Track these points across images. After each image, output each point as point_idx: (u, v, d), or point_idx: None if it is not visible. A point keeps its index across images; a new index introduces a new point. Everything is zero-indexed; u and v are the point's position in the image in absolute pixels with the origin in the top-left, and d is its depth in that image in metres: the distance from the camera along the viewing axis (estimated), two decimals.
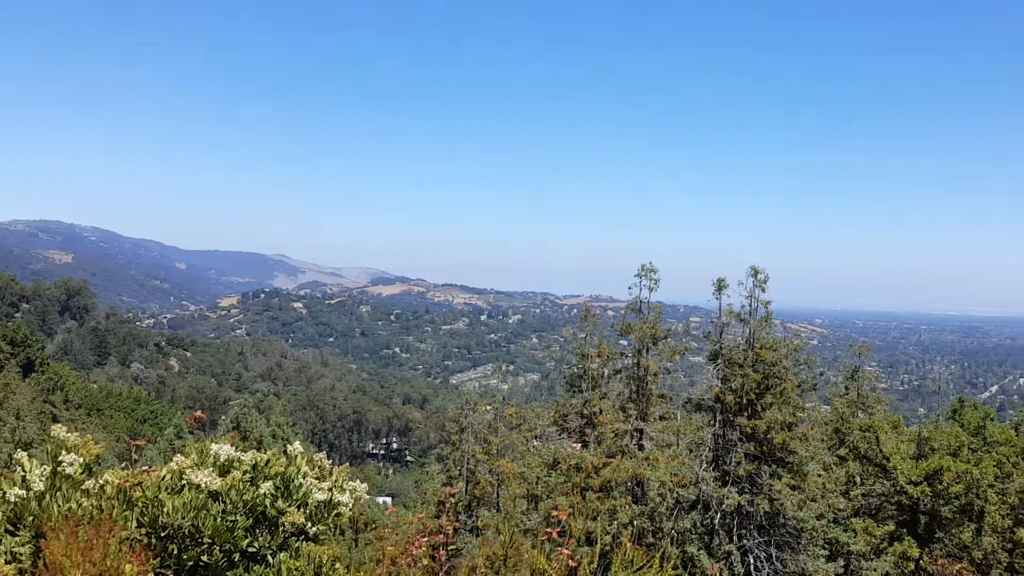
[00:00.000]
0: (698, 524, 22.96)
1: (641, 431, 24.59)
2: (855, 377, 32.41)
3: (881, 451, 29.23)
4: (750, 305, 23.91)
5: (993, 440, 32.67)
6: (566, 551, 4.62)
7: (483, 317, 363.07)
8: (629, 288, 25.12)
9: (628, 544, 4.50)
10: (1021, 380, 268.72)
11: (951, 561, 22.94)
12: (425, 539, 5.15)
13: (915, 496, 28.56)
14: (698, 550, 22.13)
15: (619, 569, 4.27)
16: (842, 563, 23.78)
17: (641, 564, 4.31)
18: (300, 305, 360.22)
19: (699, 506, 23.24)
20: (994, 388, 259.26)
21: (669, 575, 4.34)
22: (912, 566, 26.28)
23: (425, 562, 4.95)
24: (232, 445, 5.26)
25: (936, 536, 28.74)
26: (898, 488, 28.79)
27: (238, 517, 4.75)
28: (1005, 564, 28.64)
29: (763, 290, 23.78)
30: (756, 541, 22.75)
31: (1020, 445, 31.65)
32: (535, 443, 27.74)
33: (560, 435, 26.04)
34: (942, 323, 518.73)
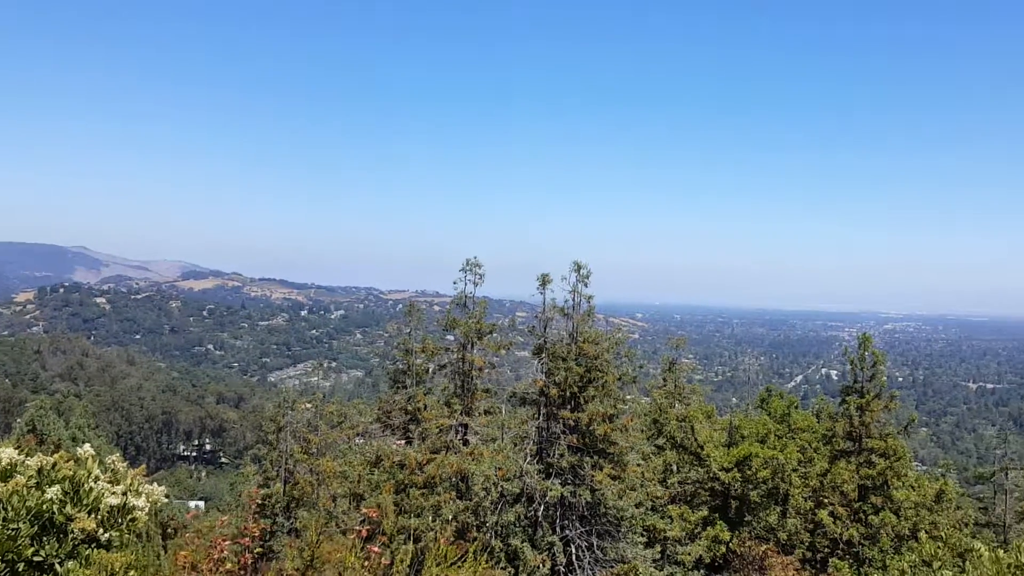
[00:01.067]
0: (522, 517, 23.38)
1: (466, 426, 24.77)
2: (672, 369, 33.90)
3: (696, 440, 30.74)
4: (573, 300, 24.52)
5: (797, 427, 35.06)
6: (375, 548, 4.56)
7: (304, 312, 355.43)
8: (454, 283, 25.21)
9: (443, 539, 4.50)
10: (823, 370, 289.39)
11: (758, 543, 24.43)
12: (228, 543, 4.95)
13: (727, 482, 30.23)
14: (522, 542, 22.53)
15: (432, 565, 4.26)
16: (659, 549, 24.84)
17: (455, 559, 4.32)
18: (103, 300, 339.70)
19: (523, 499, 23.67)
20: (799, 378, 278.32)
21: (483, 568, 4.37)
22: (723, 549, 27.80)
23: (228, 566, 4.76)
24: (22, 449, 4.92)
25: (745, 519, 30.54)
26: (711, 475, 30.39)
27: (21, 524, 4.45)
28: (807, 544, 30.78)
29: (586, 285, 24.45)
30: (578, 531, 23.41)
31: (821, 431, 34.05)
32: (358, 441, 27.40)
33: (384, 432, 25.85)
34: (753, 317, 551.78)
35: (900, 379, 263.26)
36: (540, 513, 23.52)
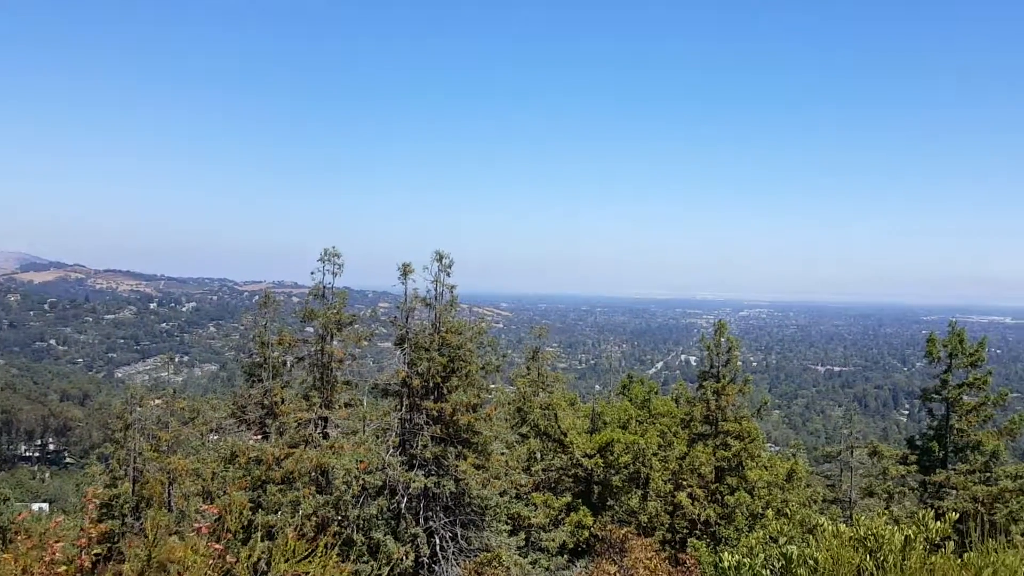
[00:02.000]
0: (384, 509, 23.23)
1: (326, 419, 24.39)
2: (536, 358, 34.34)
3: (559, 427, 31.29)
4: (436, 290, 24.47)
5: (657, 412, 36.16)
6: (217, 545, 4.43)
7: (153, 305, 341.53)
8: (312, 273, 24.73)
9: (292, 535, 4.41)
10: (683, 356, 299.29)
11: (619, 526, 25.11)
12: (60, 544, 4.70)
13: (589, 468, 30.93)
14: (384, 535, 22.39)
15: (280, 561, 4.16)
16: (523, 536, 25.18)
17: (304, 554, 4.24)
18: None
19: (386, 491, 23.52)
20: (660, 364, 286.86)
21: (333, 563, 4.31)
22: (586, 533, 28.44)
23: (62, 569, 4.52)
24: None
25: (608, 504, 31.34)
26: (574, 461, 31.01)
27: None
28: (667, 525, 31.85)
29: (448, 275, 24.43)
30: (442, 522, 23.46)
31: (680, 416, 35.23)
32: (212, 437, 26.59)
33: (239, 428, 25.15)
34: (616, 305, 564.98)
35: (754, 364, 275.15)
36: (403, 505, 23.44)
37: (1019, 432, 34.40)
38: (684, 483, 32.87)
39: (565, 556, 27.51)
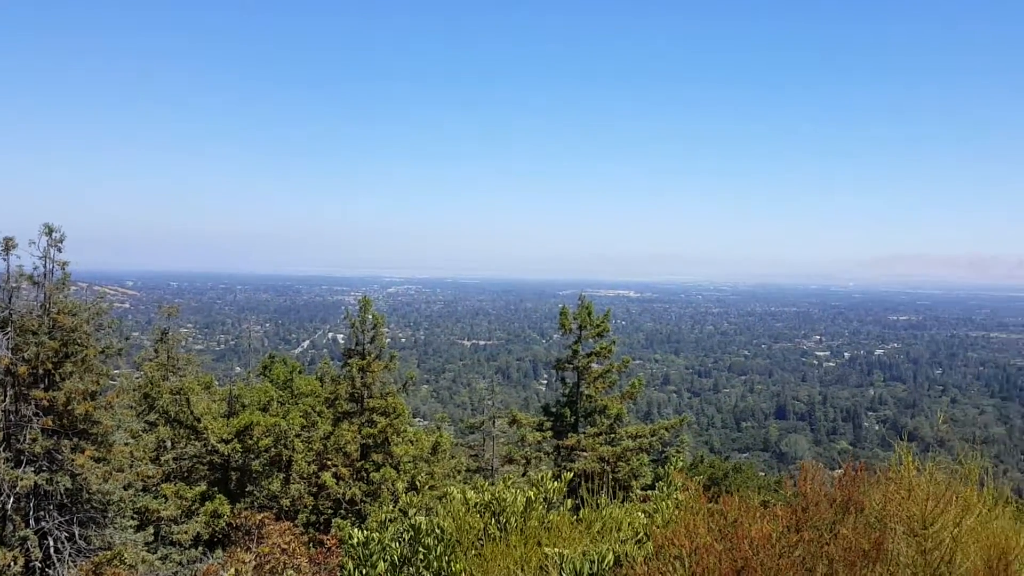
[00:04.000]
0: None
1: None
2: (165, 339, 32.80)
3: (192, 413, 30.20)
4: (45, 267, 22.55)
5: (301, 392, 36.11)
6: None
7: None
8: None
9: None
10: (330, 334, 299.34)
11: (254, 511, 24.84)
12: None
13: (226, 454, 30.20)
14: None
15: None
16: (152, 530, 24.08)
17: None
18: None
19: None
20: (306, 343, 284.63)
21: None
22: (223, 523, 27.79)
23: None
24: None
25: (248, 490, 30.82)
26: (210, 448, 30.12)
27: None
28: (311, 507, 32.00)
29: (59, 250, 22.59)
30: (57, 521, 21.81)
31: (325, 395, 35.44)
32: None
33: None
34: (258, 283, 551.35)
35: (403, 340, 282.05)
36: (10, 506, 21.47)
37: (639, 395, 38.59)
38: (329, 463, 33.18)
39: (200, 548, 26.70)
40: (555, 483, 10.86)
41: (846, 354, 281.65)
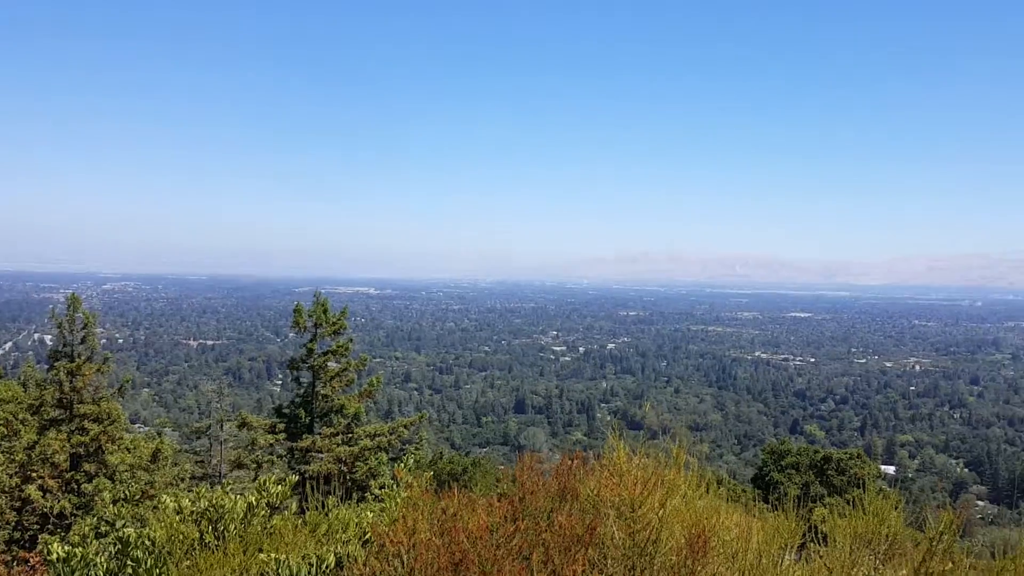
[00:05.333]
0: None
1: None
2: None
3: None
4: None
5: (0, 399, 33.50)
6: None
7: None
8: None
9: None
10: (36, 335, 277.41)
11: None
12: None
13: None
14: None
15: None
16: None
17: None
18: None
19: None
20: (8, 345, 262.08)
21: None
22: None
23: None
24: None
25: None
26: None
27: None
28: (14, 523, 29.81)
29: None
30: None
31: (28, 401, 33.07)
32: None
33: None
34: None
35: (121, 340, 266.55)
36: None
37: (378, 393, 38.90)
38: (34, 475, 31.04)
39: None
40: (279, 487, 10.84)
41: (581, 349, 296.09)
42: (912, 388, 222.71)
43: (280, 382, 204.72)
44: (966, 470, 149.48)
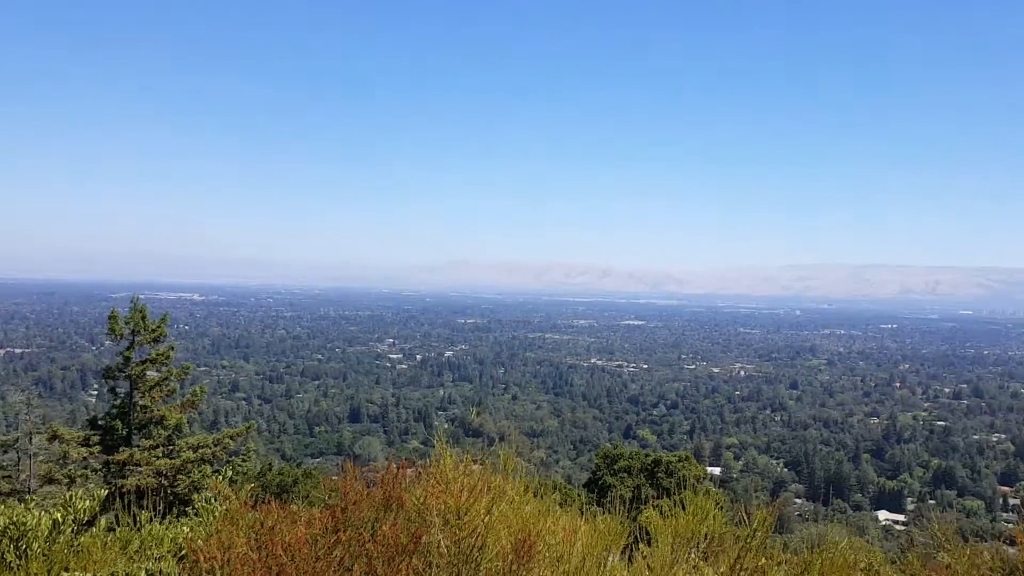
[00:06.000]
0: None
1: None
2: None
3: None
4: None
5: None
6: None
7: None
8: None
9: None
10: None
11: None
12: None
13: None
14: None
15: None
16: None
17: None
18: None
19: None
20: None
21: None
22: None
23: None
24: None
25: None
26: None
27: None
28: None
29: None
30: None
31: None
32: None
33: None
34: None
35: None
36: None
37: (201, 403, 37.67)
38: None
39: None
40: (87, 502, 10.39)
41: (418, 356, 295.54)
42: (737, 393, 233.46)
43: (96, 392, 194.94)
44: (786, 470, 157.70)
